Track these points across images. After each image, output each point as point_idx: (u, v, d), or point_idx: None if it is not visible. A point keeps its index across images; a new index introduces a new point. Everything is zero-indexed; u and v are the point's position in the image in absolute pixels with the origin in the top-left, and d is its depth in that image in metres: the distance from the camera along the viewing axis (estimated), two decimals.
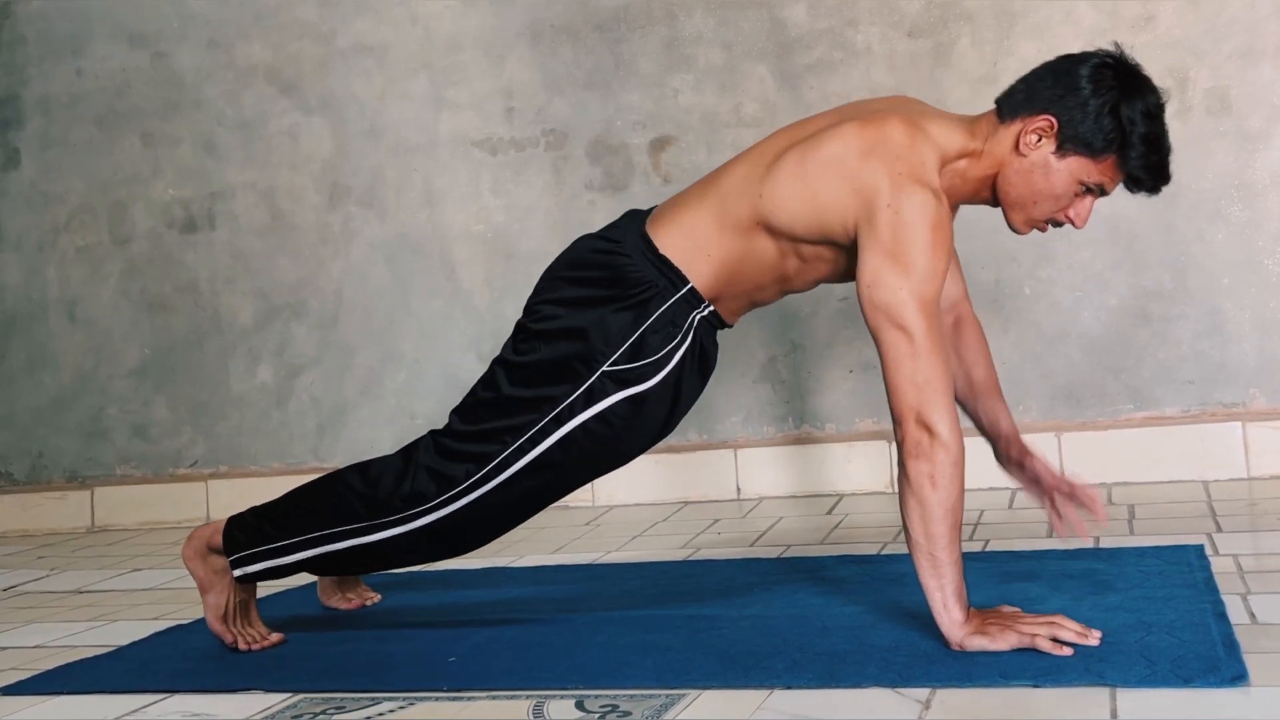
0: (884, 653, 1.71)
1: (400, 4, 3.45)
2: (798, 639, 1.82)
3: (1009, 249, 2.97)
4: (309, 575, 2.37)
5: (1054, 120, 1.79)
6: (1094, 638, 1.65)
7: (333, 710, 1.70)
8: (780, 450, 3.18)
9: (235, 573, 2.04)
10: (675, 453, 3.25)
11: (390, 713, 1.67)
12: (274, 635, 2.07)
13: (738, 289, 1.94)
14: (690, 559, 2.53)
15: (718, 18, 3.22)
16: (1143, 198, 1.87)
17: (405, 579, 2.50)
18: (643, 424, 1.93)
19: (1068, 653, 1.61)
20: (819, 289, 3.11)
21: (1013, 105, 1.84)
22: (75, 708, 1.84)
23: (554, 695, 1.67)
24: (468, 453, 1.93)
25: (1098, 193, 1.84)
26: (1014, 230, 1.91)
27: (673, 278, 1.90)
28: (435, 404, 3.39)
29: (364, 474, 1.99)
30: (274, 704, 1.76)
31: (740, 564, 2.42)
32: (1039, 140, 1.81)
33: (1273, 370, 2.89)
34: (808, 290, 2.02)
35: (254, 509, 2.07)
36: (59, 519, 3.72)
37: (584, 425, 1.90)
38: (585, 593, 2.30)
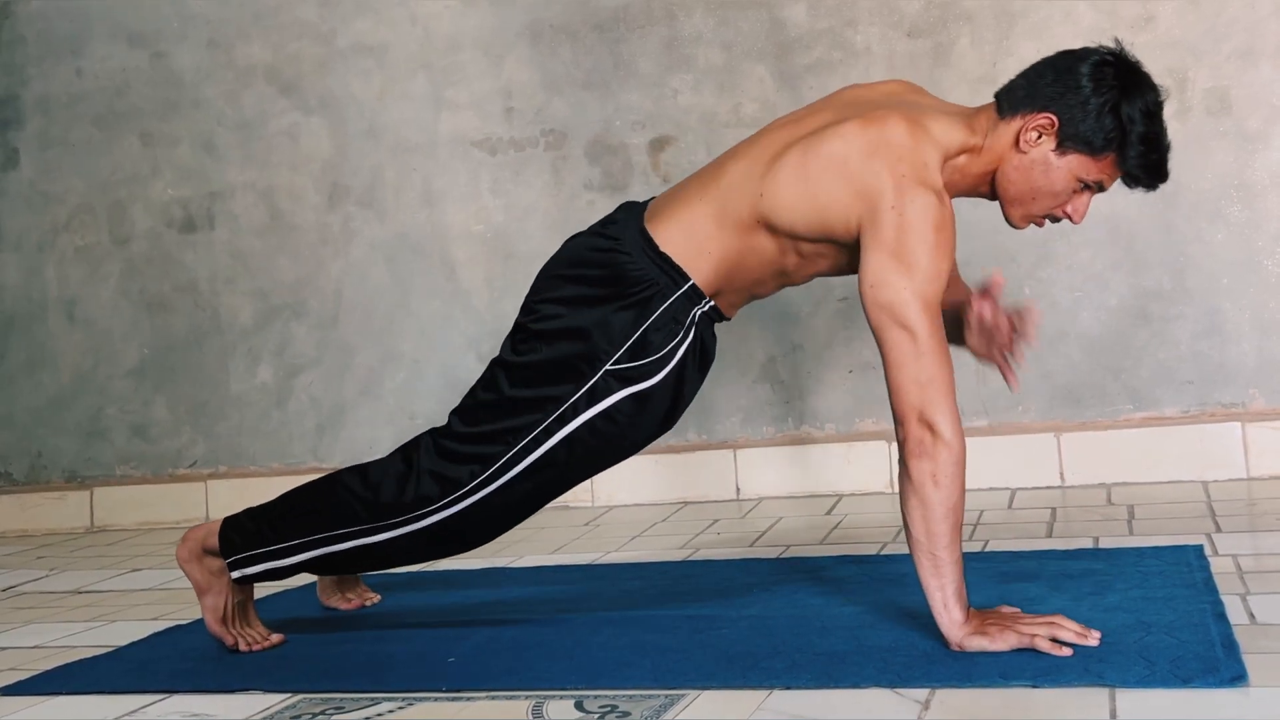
0: (883, 653, 1.71)
1: (400, 4, 3.45)
2: (797, 639, 1.82)
3: (1008, 249, 2.97)
4: (308, 575, 2.37)
5: (1054, 118, 1.79)
6: (1093, 638, 1.65)
7: (332, 710, 1.70)
8: (780, 450, 3.18)
9: (233, 575, 2.03)
10: (675, 453, 3.25)
11: (390, 713, 1.67)
12: (274, 636, 2.07)
13: (738, 284, 1.95)
14: (690, 559, 2.53)
15: (717, 18, 3.21)
16: (1142, 198, 1.87)
17: (405, 579, 2.50)
18: (646, 420, 1.93)
19: (1067, 653, 1.61)
20: (819, 290, 3.12)
21: (1013, 101, 1.84)
22: (74, 708, 1.84)
23: (553, 695, 1.67)
24: (471, 454, 1.93)
25: (1096, 189, 1.84)
26: (1011, 225, 1.91)
27: (674, 275, 1.90)
28: (435, 404, 3.38)
29: (364, 477, 1.98)
30: (273, 704, 1.75)
31: (739, 564, 2.42)
32: (1039, 138, 1.81)
33: (1272, 370, 2.89)
34: (806, 283, 2.02)
35: (249, 511, 2.06)
36: (58, 519, 3.72)
37: (588, 424, 1.90)
38: (585, 593, 2.30)
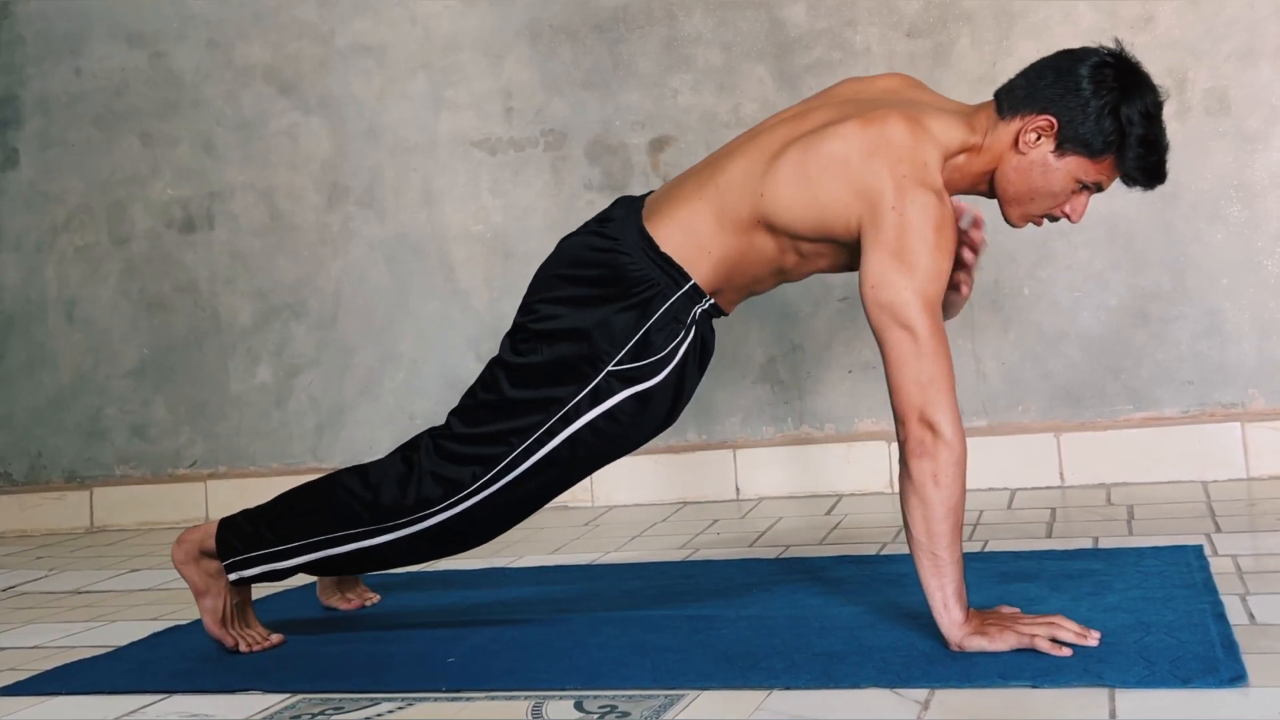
0: (883, 653, 1.71)
1: (399, 4, 3.45)
2: (796, 639, 1.82)
3: (1008, 249, 2.97)
4: (307, 576, 2.37)
5: (1054, 121, 1.79)
6: (1093, 638, 1.65)
7: (331, 711, 1.70)
8: (779, 450, 3.18)
9: (231, 576, 2.03)
10: (674, 453, 3.25)
11: (389, 713, 1.67)
12: (273, 636, 2.07)
13: (737, 282, 1.95)
14: (689, 559, 2.53)
15: (717, 18, 3.21)
16: (1142, 198, 1.88)
17: (405, 580, 2.50)
18: (648, 418, 1.93)
19: (1066, 653, 1.61)
20: (819, 290, 3.13)
21: (1013, 101, 1.84)
22: (74, 708, 1.84)
23: (553, 696, 1.67)
24: (472, 455, 1.92)
25: (1094, 190, 1.84)
26: (1009, 223, 1.92)
27: (675, 275, 1.90)
28: (434, 404, 3.38)
29: (364, 478, 1.97)
30: (273, 705, 1.75)
31: (739, 564, 2.42)
32: (1038, 139, 1.81)
33: (1271, 371, 2.89)
34: (803, 279, 2.03)
35: (246, 512, 2.05)
36: (58, 519, 3.72)
37: (591, 424, 1.90)
38: (584, 593, 2.30)
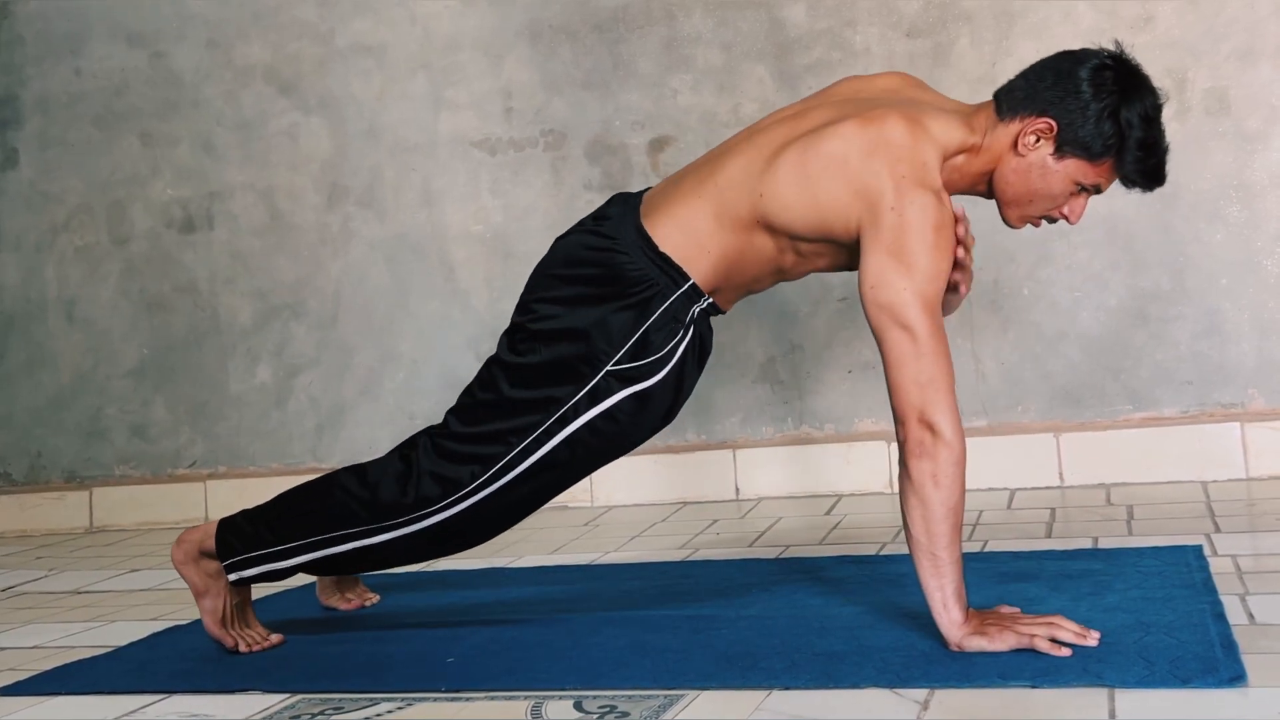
0: (882, 653, 1.71)
1: (399, 4, 3.45)
2: (796, 639, 1.82)
3: (1007, 249, 2.97)
4: (307, 576, 2.37)
5: (1053, 123, 1.79)
6: (1092, 638, 1.65)
7: (331, 711, 1.70)
8: (779, 450, 3.18)
9: (230, 577, 2.03)
10: (674, 453, 3.25)
11: (389, 713, 1.67)
12: (273, 636, 2.07)
13: (736, 282, 1.95)
14: (689, 559, 2.53)
15: (716, 18, 3.21)
16: (1141, 198, 1.89)
17: (404, 580, 2.50)
18: (647, 417, 1.93)
19: (1066, 653, 1.61)
20: (819, 290, 3.13)
21: (1012, 103, 1.83)
22: (73, 708, 1.84)
23: (552, 696, 1.67)
24: (471, 454, 1.92)
25: (1093, 192, 1.85)
26: (1007, 224, 1.92)
27: (673, 275, 1.90)
28: (434, 404, 3.38)
29: (362, 477, 1.98)
30: (272, 705, 1.75)
31: (739, 564, 2.42)
32: (1037, 141, 1.81)
33: (1271, 371, 2.89)
34: (802, 278, 2.03)
35: (246, 513, 2.05)
36: (57, 519, 3.72)
37: (589, 424, 1.90)
38: (584, 593, 2.30)
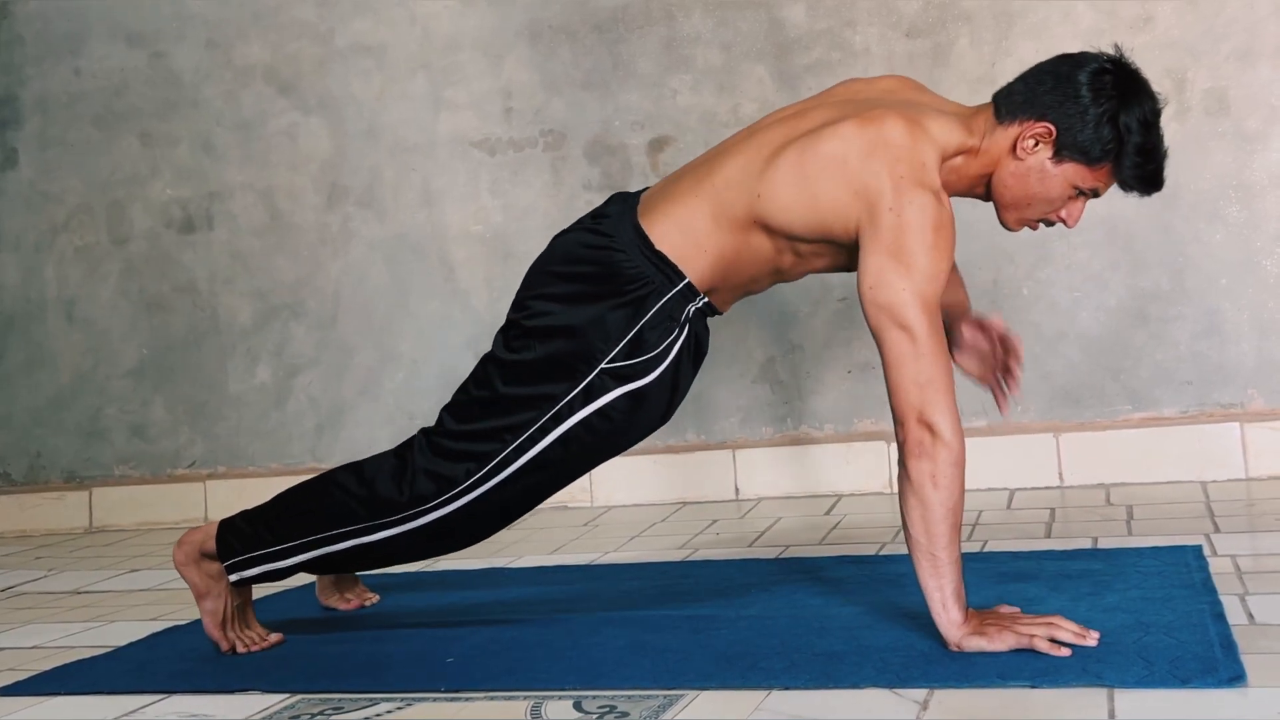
0: (882, 653, 1.71)
1: (399, 4, 3.45)
2: (796, 639, 1.82)
3: (1007, 250, 2.97)
4: (307, 576, 2.37)
5: (1052, 128, 1.79)
6: (1092, 638, 1.65)
7: (331, 711, 1.70)
8: (778, 451, 3.18)
9: (231, 578, 2.03)
10: (674, 453, 3.25)
11: (388, 713, 1.67)
12: (272, 636, 2.07)
13: (732, 282, 1.94)
14: (688, 559, 2.53)
15: (716, 18, 3.21)
16: (1141, 198, 1.89)
17: (404, 580, 2.50)
18: (642, 416, 1.93)
19: (1065, 653, 1.61)
20: (819, 290, 3.13)
21: (1011, 106, 1.83)
22: (73, 709, 1.84)
23: (552, 696, 1.67)
24: (466, 452, 1.92)
25: (1091, 195, 1.85)
26: (1005, 227, 1.92)
27: (669, 273, 1.89)
28: (434, 404, 3.34)
29: (359, 475, 1.98)
30: (272, 705, 1.75)
31: (738, 564, 2.42)
32: (1036, 145, 1.81)
33: (1271, 371, 2.89)
34: (798, 280, 2.03)
35: (245, 513, 2.05)
36: (57, 519, 3.72)
37: (584, 422, 1.90)
38: (583, 593, 2.30)
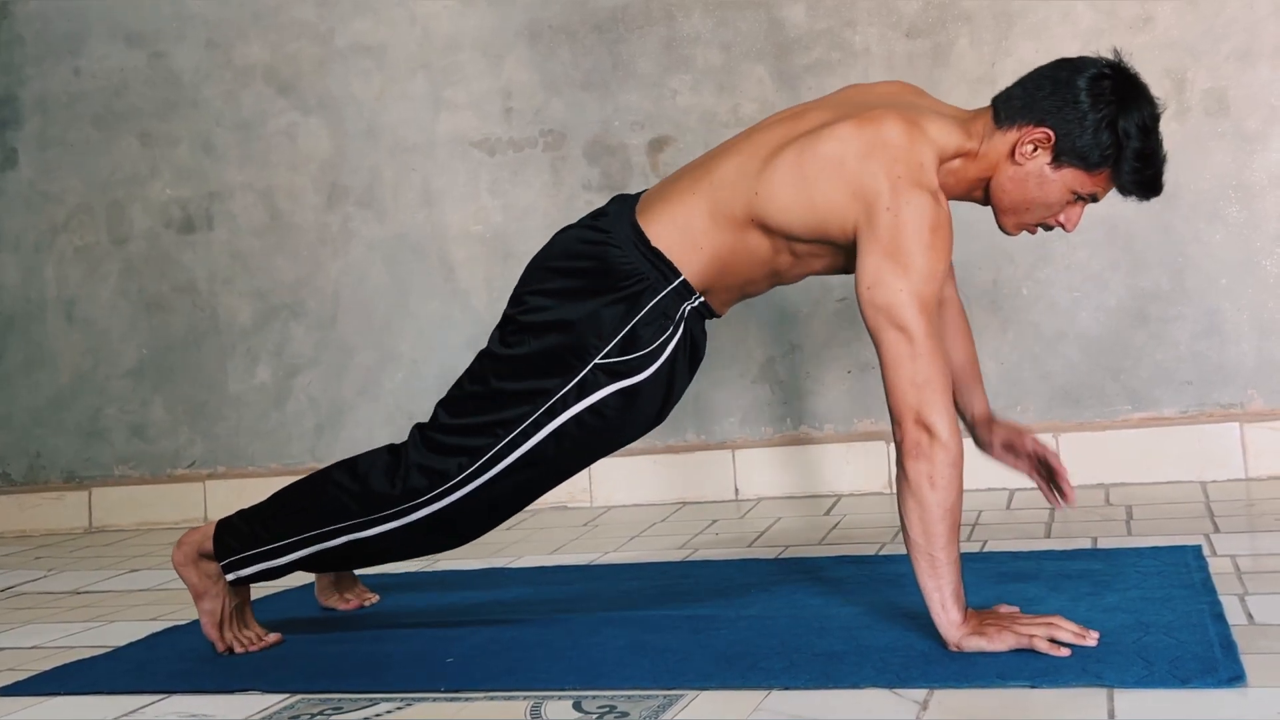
0: (881, 653, 1.71)
1: (398, 4, 3.45)
2: (795, 639, 1.82)
3: (1007, 250, 2.97)
4: (307, 575, 2.37)
5: (1051, 133, 1.79)
6: (1091, 638, 1.65)
7: (330, 711, 1.70)
8: (778, 451, 3.18)
9: (228, 577, 2.03)
10: (673, 453, 3.25)
11: (388, 713, 1.67)
12: (271, 636, 2.07)
13: (729, 282, 1.94)
14: (688, 559, 2.53)
15: (716, 18, 3.21)
16: (1140, 202, 1.89)
17: (403, 580, 2.50)
18: (635, 415, 1.92)
19: (1065, 653, 1.61)
20: (818, 290, 3.12)
21: (1010, 111, 1.84)
22: (72, 709, 1.84)
23: (552, 696, 1.67)
24: (458, 446, 1.92)
25: (1089, 200, 1.85)
26: (1004, 231, 1.93)
27: (664, 270, 1.89)
28: (433, 404, 3.38)
29: (352, 471, 1.98)
30: (271, 705, 1.75)
31: (738, 564, 2.42)
32: (1035, 150, 1.81)
33: (1270, 371, 2.89)
34: (797, 283, 2.02)
35: (242, 512, 2.05)
36: (56, 519, 3.72)
37: (576, 418, 1.89)
38: (583, 593, 2.30)
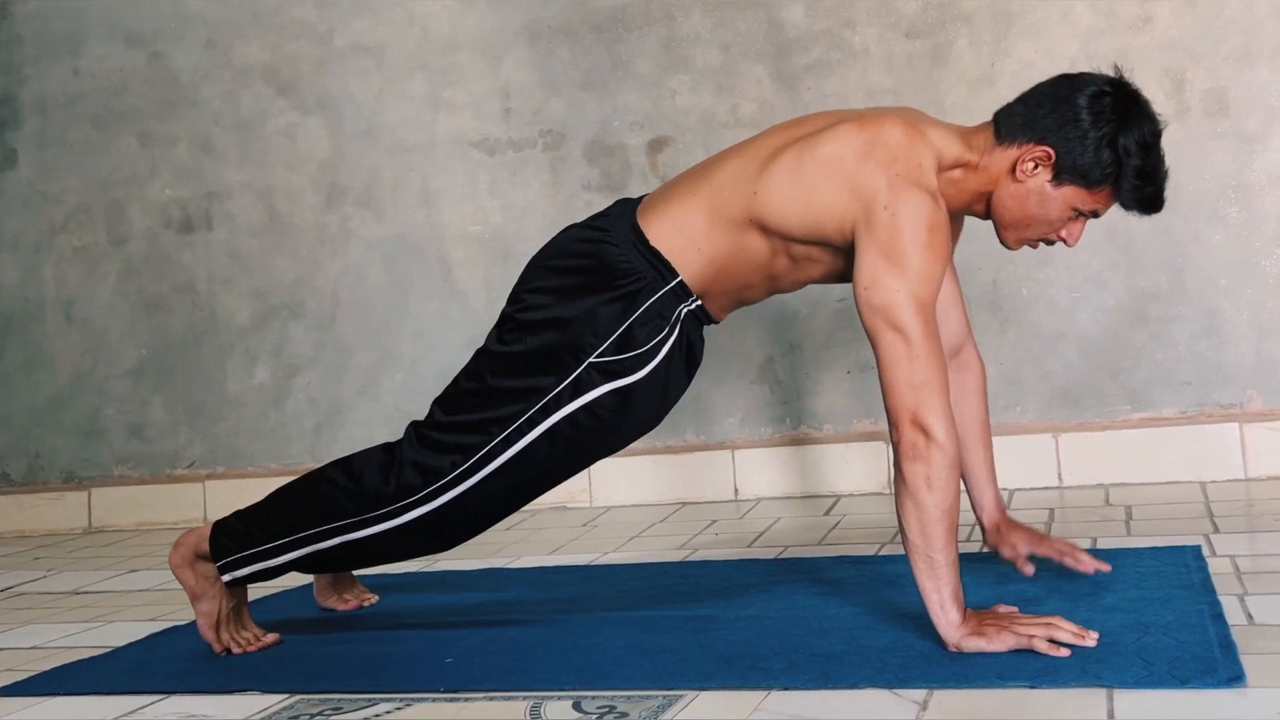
0: (881, 654, 1.71)
1: (397, 4, 3.45)
2: (795, 640, 1.82)
3: (1006, 251, 2.95)
4: (306, 576, 2.37)
5: (1051, 151, 1.80)
6: (1091, 639, 1.65)
7: (330, 711, 1.70)
8: (778, 451, 3.18)
9: (224, 578, 2.03)
10: (673, 453, 3.25)
11: (387, 714, 1.67)
12: (268, 636, 2.07)
13: (726, 285, 1.94)
14: (688, 560, 2.53)
15: (715, 18, 3.21)
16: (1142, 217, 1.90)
17: (402, 580, 2.50)
18: (629, 417, 1.92)
19: (1065, 654, 1.61)
20: (818, 291, 3.12)
21: (1011, 128, 1.84)
22: (72, 709, 1.84)
23: (551, 696, 1.67)
24: (452, 444, 1.92)
25: (1090, 216, 1.85)
26: (1005, 246, 1.93)
27: (662, 270, 1.89)
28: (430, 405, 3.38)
29: (347, 470, 1.98)
30: (271, 705, 1.75)
31: (738, 565, 2.42)
32: (1035, 168, 1.82)
33: (1270, 371, 2.89)
34: (795, 291, 2.02)
35: (238, 513, 2.05)
36: (56, 520, 3.72)
37: (570, 417, 1.89)
38: (583, 594, 2.30)
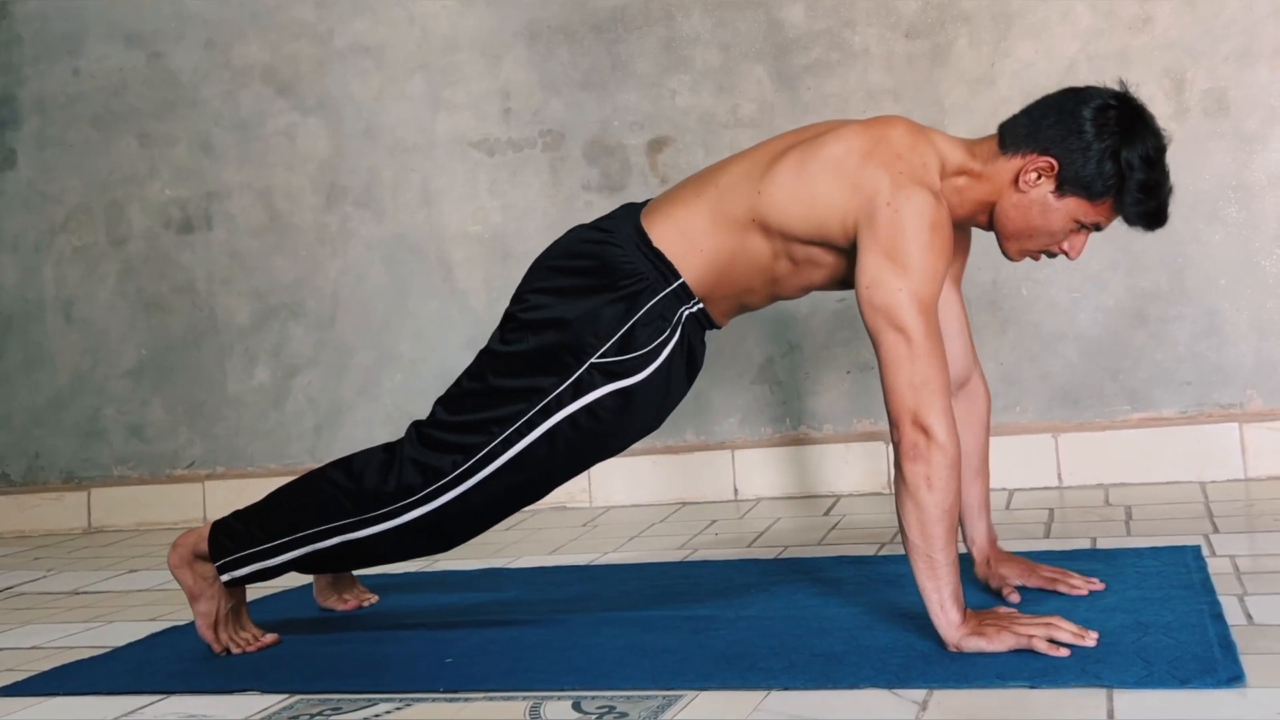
0: (881, 654, 1.71)
1: (397, 4, 3.45)
2: (795, 640, 1.82)
3: None
4: (305, 576, 2.37)
5: (1055, 163, 1.80)
6: (1091, 639, 1.65)
7: (329, 711, 1.70)
8: (777, 451, 3.18)
9: (223, 578, 2.03)
10: (673, 453, 3.25)
11: (387, 714, 1.67)
12: (267, 637, 2.07)
13: (728, 289, 1.93)
14: (688, 560, 2.53)
15: (715, 18, 3.21)
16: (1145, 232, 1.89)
17: (402, 580, 2.50)
18: (630, 418, 1.92)
19: (1064, 654, 1.61)
20: (817, 291, 3.12)
21: (1015, 139, 1.84)
22: (72, 709, 1.84)
23: (551, 696, 1.67)
24: (454, 443, 1.92)
25: (1093, 229, 1.85)
26: (1007, 257, 1.92)
27: (664, 271, 1.89)
28: (432, 404, 3.38)
29: (347, 469, 1.97)
30: (270, 705, 1.75)
31: (737, 565, 2.42)
32: (1038, 179, 1.82)
33: (1270, 371, 2.89)
34: (797, 297, 2.01)
35: (238, 512, 2.05)
36: (55, 520, 3.72)
37: (571, 418, 1.88)
38: (583, 594, 2.30)
